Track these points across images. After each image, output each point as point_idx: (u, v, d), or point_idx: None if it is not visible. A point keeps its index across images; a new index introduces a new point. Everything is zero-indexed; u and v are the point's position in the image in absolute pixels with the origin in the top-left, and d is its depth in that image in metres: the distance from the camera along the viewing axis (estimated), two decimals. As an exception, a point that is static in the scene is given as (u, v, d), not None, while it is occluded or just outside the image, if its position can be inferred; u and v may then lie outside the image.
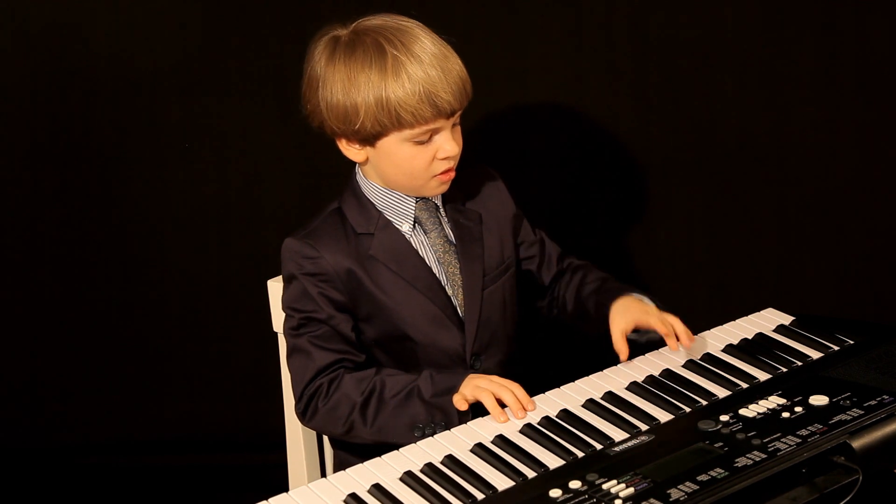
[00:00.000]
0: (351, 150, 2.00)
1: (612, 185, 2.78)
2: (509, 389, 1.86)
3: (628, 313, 2.01)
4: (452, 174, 1.99)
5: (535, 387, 1.91)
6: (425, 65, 1.89)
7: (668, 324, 1.98)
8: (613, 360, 2.01)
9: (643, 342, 2.04)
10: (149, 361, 2.95)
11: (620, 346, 1.99)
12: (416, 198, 2.03)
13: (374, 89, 1.89)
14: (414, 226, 2.03)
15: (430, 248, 2.04)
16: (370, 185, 2.03)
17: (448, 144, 1.94)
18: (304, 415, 1.99)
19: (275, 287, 2.16)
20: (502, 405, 1.86)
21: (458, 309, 2.04)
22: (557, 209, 2.79)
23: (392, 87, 1.88)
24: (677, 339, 1.98)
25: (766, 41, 2.66)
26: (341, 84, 1.92)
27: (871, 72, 2.64)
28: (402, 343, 2.02)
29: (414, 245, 2.03)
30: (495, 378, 1.90)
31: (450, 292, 2.04)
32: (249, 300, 2.81)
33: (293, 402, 2.03)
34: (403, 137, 1.93)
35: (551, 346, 2.56)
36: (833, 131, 2.69)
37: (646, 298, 2.06)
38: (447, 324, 2.02)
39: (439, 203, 2.07)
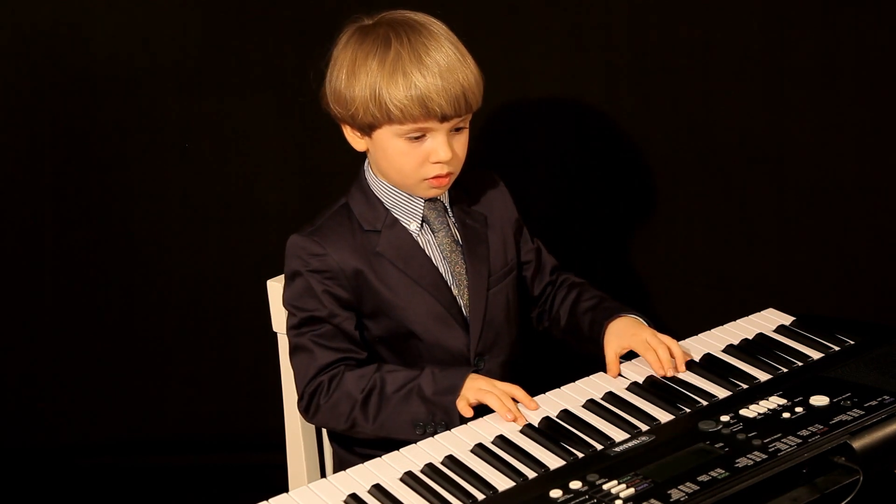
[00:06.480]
0: (353, 138, 2.00)
1: (611, 185, 2.78)
2: (510, 393, 1.87)
3: (622, 337, 2.01)
4: (446, 180, 1.97)
5: (535, 387, 1.91)
6: (423, 66, 1.89)
7: (652, 351, 1.96)
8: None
9: None
10: (149, 361, 2.95)
11: (613, 368, 1.99)
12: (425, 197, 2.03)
13: (371, 80, 1.90)
14: (422, 225, 2.03)
15: (437, 248, 2.03)
16: (379, 183, 2.03)
17: (441, 149, 1.93)
18: (306, 412, 1.99)
19: (275, 287, 2.15)
20: None
21: (462, 309, 2.04)
22: (557, 209, 2.78)
23: (386, 80, 1.89)
24: (675, 360, 1.97)
25: (766, 41, 2.66)
26: (345, 70, 1.93)
27: (871, 72, 2.64)
28: (406, 341, 2.02)
29: (421, 244, 2.02)
30: (497, 382, 1.89)
31: (455, 292, 2.03)
32: (249, 300, 2.80)
33: (293, 401, 2.03)
34: (395, 132, 1.93)
35: (552, 347, 2.56)
36: (833, 131, 2.69)
37: (641, 319, 2.06)
38: (452, 323, 2.02)
39: (447, 203, 2.06)
